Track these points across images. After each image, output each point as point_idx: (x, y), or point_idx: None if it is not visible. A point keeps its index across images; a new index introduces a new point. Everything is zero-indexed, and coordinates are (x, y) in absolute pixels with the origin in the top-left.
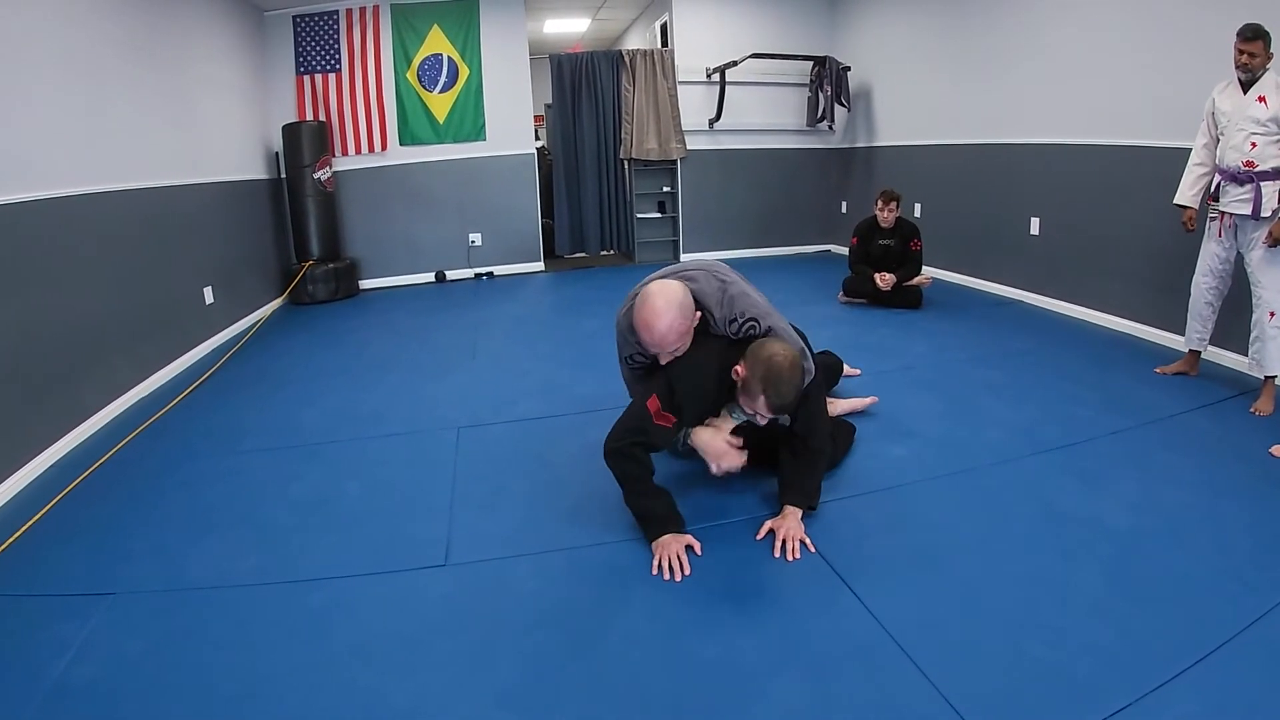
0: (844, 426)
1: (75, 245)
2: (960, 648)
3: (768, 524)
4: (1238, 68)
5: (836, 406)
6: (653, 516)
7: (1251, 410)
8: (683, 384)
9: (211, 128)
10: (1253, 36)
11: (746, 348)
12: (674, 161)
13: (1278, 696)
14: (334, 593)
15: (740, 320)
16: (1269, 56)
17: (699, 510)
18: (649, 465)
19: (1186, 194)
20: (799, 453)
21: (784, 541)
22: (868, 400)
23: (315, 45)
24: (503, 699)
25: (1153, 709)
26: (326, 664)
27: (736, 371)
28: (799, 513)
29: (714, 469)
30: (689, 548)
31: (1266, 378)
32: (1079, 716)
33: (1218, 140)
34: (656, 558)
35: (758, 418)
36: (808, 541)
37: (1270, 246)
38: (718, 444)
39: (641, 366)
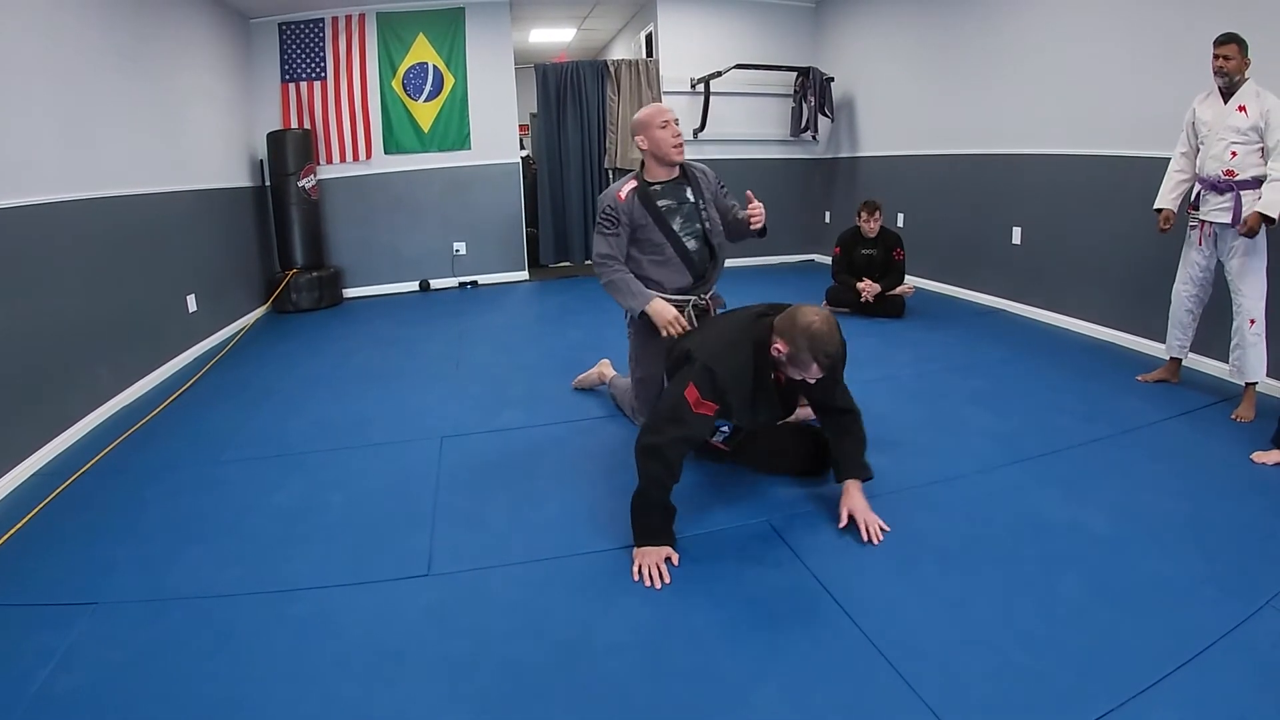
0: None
1: (57, 252)
2: (943, 655)
3: (845, 509)
4: (1216, 74)
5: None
6: (650, 527)
7: (1233, 417)
8: (721, 368)
9: (196, 135)
10: (1226, 40)
11: (772, 321)
12: None
13: (1259, 702)
14: (316, 603)
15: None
16: (1245, 62)
17: (684, 519)
18: (678, 474)
19: (1166, 198)
20: (850, 429)
21: (866, 526)
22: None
23: (301, 53)
24: (485, 709)
25: (1135, 715)
26: (309, 674)
27: (777, 349)
28: (859, 485)
29: (667, 331)
30: (668, 559)
31: (1247, 384)
32: None
33: (1197, 150)
34: (636, 564)
35: (807, 379)
36: (882, 523)
37: (1245, 236)
38: (665, 313)
39: (609, 219)
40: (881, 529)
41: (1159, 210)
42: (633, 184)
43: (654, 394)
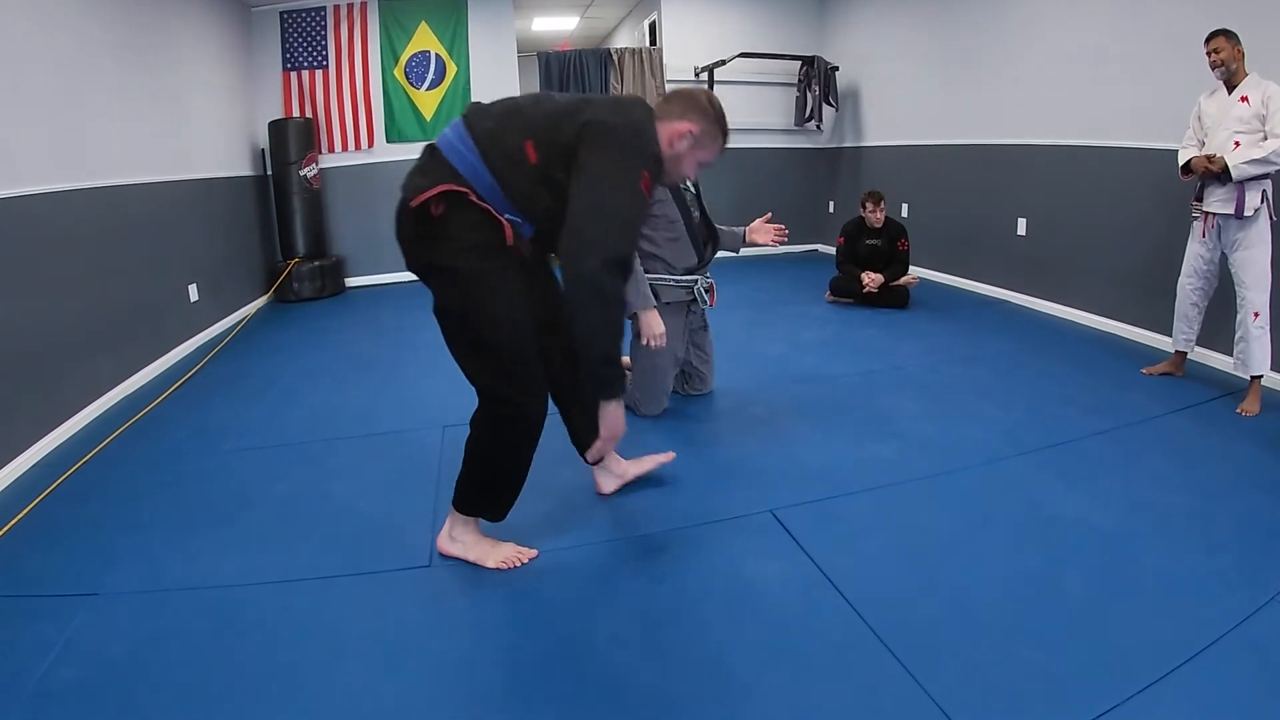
0: None
1: (57, 242)
2: (947, 648)
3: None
4: (1212, 68)
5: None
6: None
7: (1238, 411)
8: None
9: (197, 124)
10: (1212, 36)
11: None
12: None
13: (1264, 697)
14: (317, 593)
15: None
16: (1237, 50)
17: (686, 510)
18: None
19: (1186, 155)
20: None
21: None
22: (662, 457)
23: (303, 41)
24: (486, 700)
25: (1140, 710)
26: (309, 665)
27: (687, 129)
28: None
29: (650, 343)
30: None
31: (1252, 378)
32: (1066, 717)
33: (1202, 144)
34: (608, 436)
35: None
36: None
37: (1198, 172)
38: (653, 326)
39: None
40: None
41: (1186, 164)
42: None
43: (658, 382)
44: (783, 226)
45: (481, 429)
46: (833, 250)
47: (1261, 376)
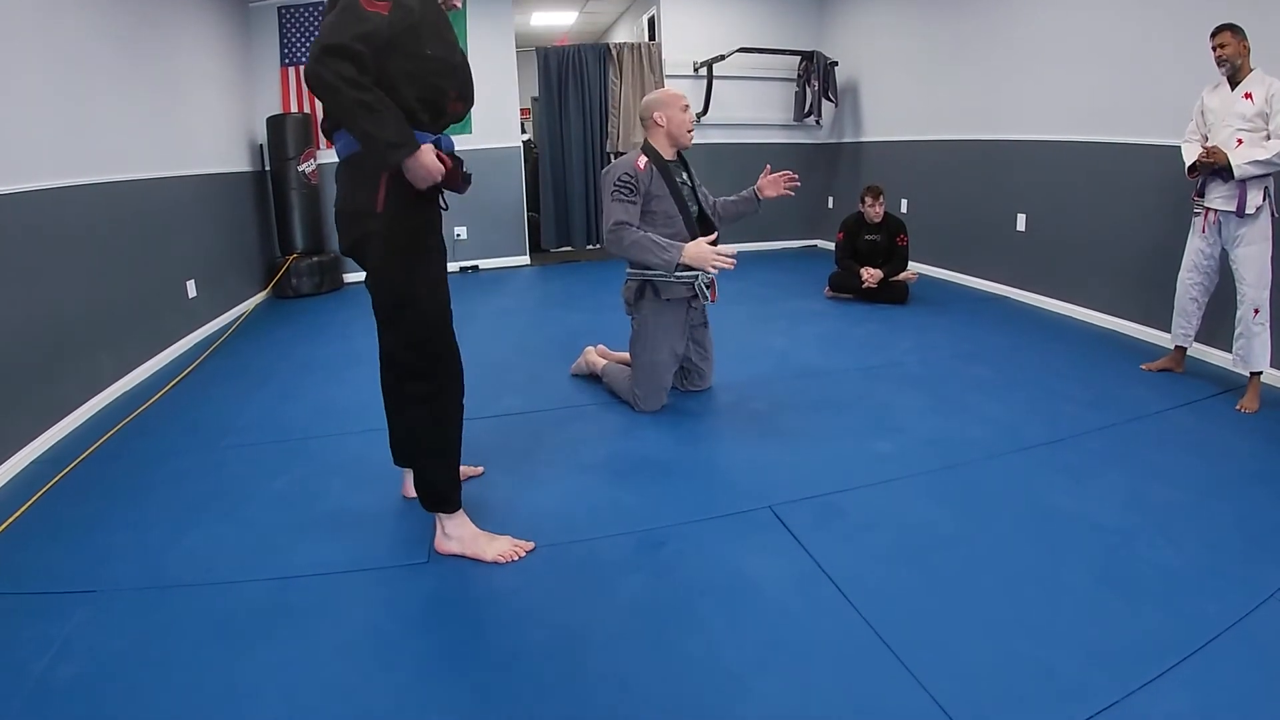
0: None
1: (56, 238)
2: (947, 645)
3: None
4: (1218, 64)
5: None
6: (399, 128)
7: (1238, 408)
8: None
9: (195, 120)
10: (1219, 30)
11: None
12: None
13: (1265, 693)
14: (316, 590)
15: None
16: (1243, 46)
17: (684, 505)
18: (374, 73)
19: (1189, 154)
20: None
21: None
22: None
23: (300, 36)
24: (484, 697)
25: (1141, 706)
26: (307, 662)
27: None
28: None
29: (712, 270)
30: None
31: (1252, 374)
32: (1067, 713)
33: (1205, 139)
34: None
35: None
36: None
37: (1204, 161)
38: (704, 251)
39: (628, 186)
40: None
41: (1193, 165)
42: (645, 157)
43: (657, 379)
44: (789, 173)
45: (409, 411)
46: (832, 245)
47: (1261, 373)
